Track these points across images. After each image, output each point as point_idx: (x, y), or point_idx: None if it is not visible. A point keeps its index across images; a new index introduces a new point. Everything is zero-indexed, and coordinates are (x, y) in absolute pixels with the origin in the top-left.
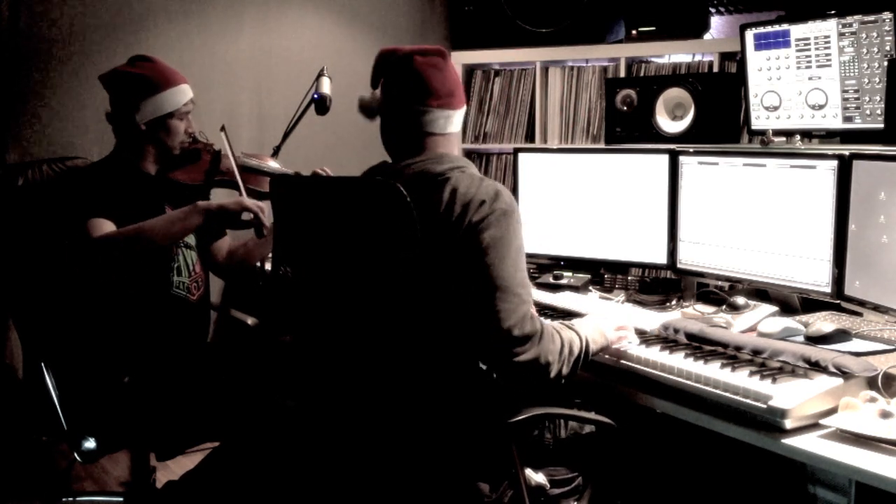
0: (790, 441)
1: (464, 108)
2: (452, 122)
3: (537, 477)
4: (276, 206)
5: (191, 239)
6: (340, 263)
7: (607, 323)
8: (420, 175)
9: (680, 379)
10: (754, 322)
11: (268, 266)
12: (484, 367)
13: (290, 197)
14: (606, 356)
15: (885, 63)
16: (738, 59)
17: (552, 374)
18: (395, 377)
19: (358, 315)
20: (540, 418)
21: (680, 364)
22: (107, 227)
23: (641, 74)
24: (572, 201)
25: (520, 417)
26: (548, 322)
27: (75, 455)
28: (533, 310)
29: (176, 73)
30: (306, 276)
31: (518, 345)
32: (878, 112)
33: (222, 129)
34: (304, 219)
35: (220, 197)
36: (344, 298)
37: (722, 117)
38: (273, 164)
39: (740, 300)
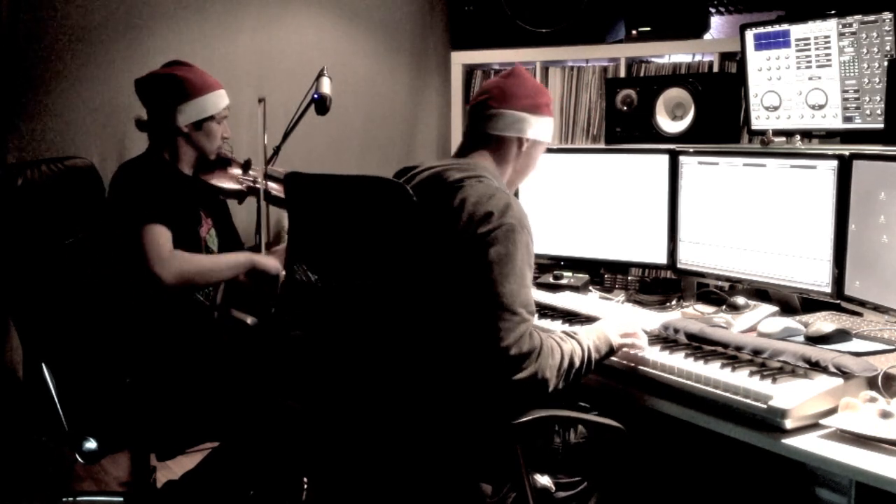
0: (790, 441)
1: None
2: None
3: (543, 480)
4: (290, 202)
5: (215, 247)
6: (349, 262)
7: (613, 329)
8: (434, 179)
9: (680, 379)
10: (754, 322)
11: None
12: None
13: (304, 194)
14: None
15: (885, 63)
16: (738, 59)
17: (550, 389)
18: (399, 377)
19: (365, 314)
20: (547, 420)
21: (680, 364)
22: (164, 235)
23: (641, 74)
24: (572, 201)
25: (524, 419)
26: (552, 330)
27: (76, 455)
28: (533, 325)
29: (213, 78)
30: (318, 274)
31: (515, 363)
32: (878, 112)
33: (261, 101)
34: (317, 216)
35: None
36: (352, 297)
37: (722, 117)
38: None
39: (740, 300)
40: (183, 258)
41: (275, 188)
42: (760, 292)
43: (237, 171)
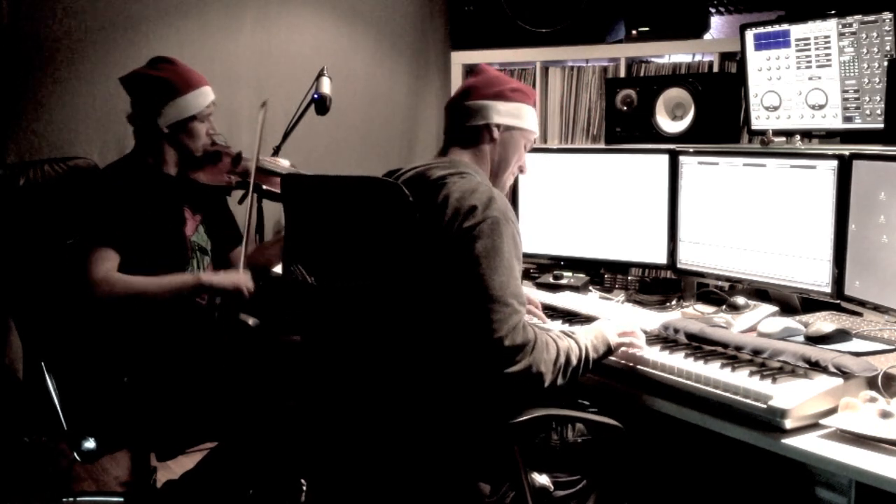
0: (790, 441)
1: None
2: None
3: (541, 479)
4: (286, 204)
5: (206, 244)
6: (345, 262)
7: (611, 328)
8: (417, 178)
9: (680, 379)
10: (754, 322)
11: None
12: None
13: (300, 195)
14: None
15: (885, 63)
16: (738, 59)
17: (546, 384)
18: (396, 376)
19: (362, 314)
20: (545, 420)
21: (680, 364)
22: (109, 259)
23: (641, 74)
24: (572, 201)
25: (522, 418)
26: (548, 328)
27: (75, 455)
28: (526, 318)
29: (197, 74)
30: (316, 275)
31: (509, 355)
32: (878, 112)
33: (263, 104)
34: (313, 218)
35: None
36: (348, 297)
37: (722, 117)
38: (290, 169)
39: (740, 300)
40: (116, 282)
41: (268, 182)
42: (760, 292)
43: (226, 166)
